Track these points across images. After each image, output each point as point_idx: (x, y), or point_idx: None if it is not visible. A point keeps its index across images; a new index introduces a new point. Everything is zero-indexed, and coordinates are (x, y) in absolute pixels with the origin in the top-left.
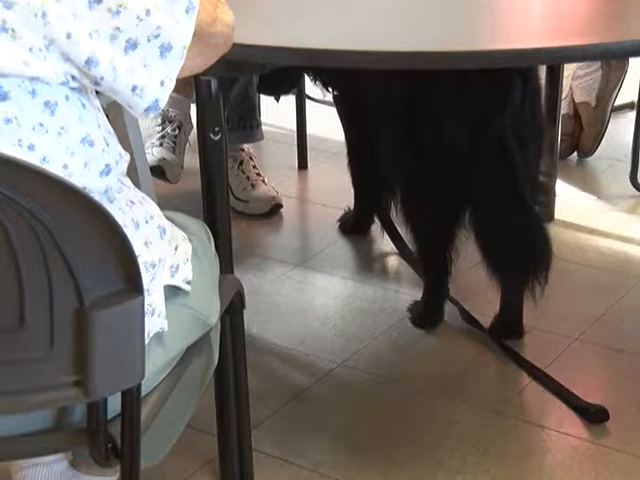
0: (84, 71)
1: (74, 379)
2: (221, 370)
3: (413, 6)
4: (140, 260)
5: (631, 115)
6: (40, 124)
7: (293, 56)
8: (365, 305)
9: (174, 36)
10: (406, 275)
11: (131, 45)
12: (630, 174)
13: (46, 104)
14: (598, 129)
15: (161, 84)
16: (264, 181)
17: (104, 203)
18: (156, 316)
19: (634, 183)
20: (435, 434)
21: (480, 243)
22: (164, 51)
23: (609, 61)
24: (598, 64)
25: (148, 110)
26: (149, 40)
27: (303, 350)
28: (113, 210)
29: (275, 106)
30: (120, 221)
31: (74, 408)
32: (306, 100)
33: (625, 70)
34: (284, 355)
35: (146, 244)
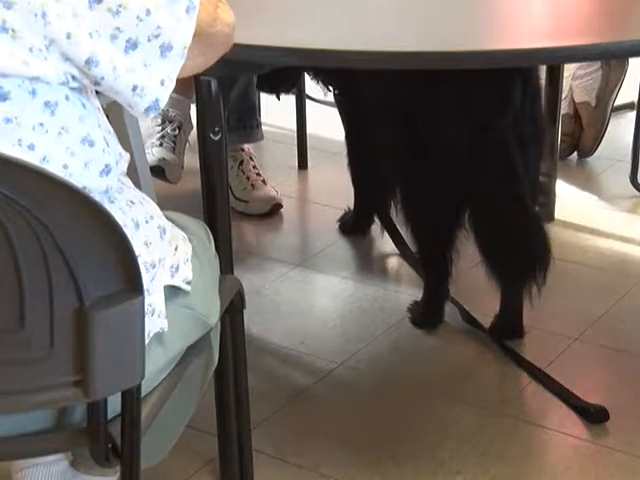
0: (84, 71)
1: (74, 379)
2: (221, 370)
3: (413, 6)
4: (140, 260)
5: (631, 115)
6: (40, 124)
7: (293, 56)
8: (365, 305)
9: (174, 36)
10: (406, 275)
11: (131, 45)
12: (630, 174)
13: (46, 104)
14: (598, 129)
15: (161, 84)
16: (264, 181)
17: (104, 203)
18: (156, 316)
19: (634, 183)
20: (435, 434)
21: (480, 243)
22: (164, 51)
23: (609, 61)
24: (598, 64)
25: (148, 110)
26: (149, 40)
27: (303, 350)
28: (113, 210)
29: (275, 106)
30: (120, 221)
31: (74, 408)
32: (306, 100)
33: (625, 70)
34: (284, 355)
35: (146, 244)
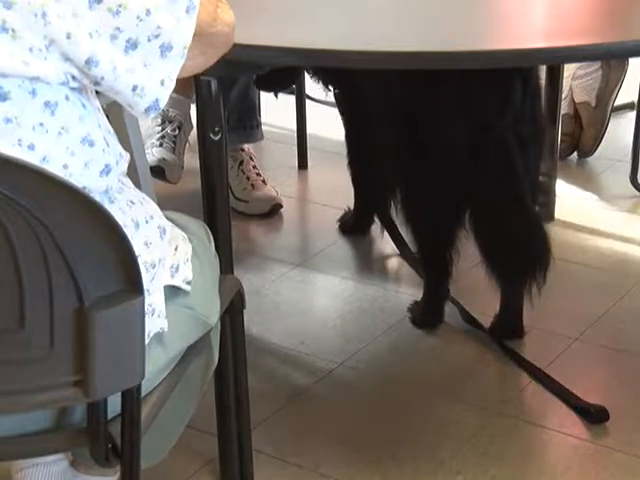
0: (84, 71)
1: (74, 379)
2: (221, 370)
3: (413, 6)
4: (140, 260)
5: (631, 115)
6: (40, 124)
7: (293, 56)
8: (365, 305)
9: (174, 36)
10: (406, 275)
11: (131, 45)
12: (630, 174)
13: (46, 104)
14: (598, 129)
15: (161, 84)
16: (264, 181)
17: (104, 203)
18: (156, 316)
19: (634, 183)
20: (435, 434)
21: (480, 243)
22: (164, 51)
23: (609, 61)
24: (598, 64)
25: (148, 110)
26: (149, 40)
27: (303, 350)
28: (113, 210)
29: (275, 106)
30: (120, 221)
31: (74, 408)
32: (306, 100)
33: (625, 70)
34: (284, 355)
35: (146, 244)
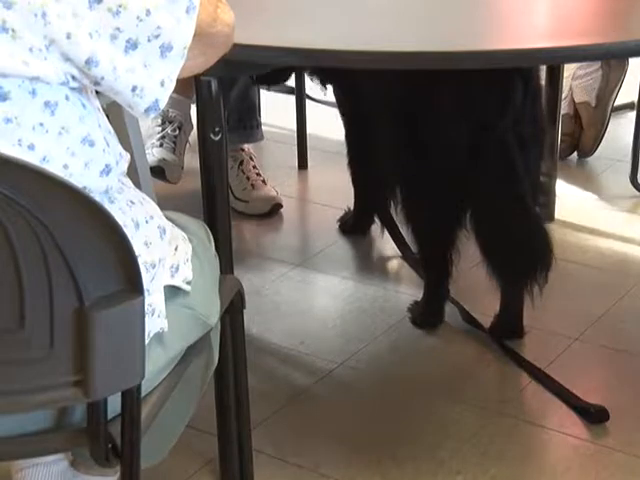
0: (84, 71)
1: (74, 379)
2: (221, 370)
3: (413, 6)
4: (140, 260)
5: (631, 115)
6: (40, 124)
7: (293, 56)
8: (365, 305)
9: (174, 36)
10: (406, 275)
11: (131, 45)
12: (630, 174)
13: (46, 104)
14: (598, 129)
15: (161, 84)
16: (264, 181)
17: (105, 203)
18: (156, 316)
19: (634, 183)
20: (435, 434)
21: (481, 243)
22: (164, 51)
23: (609, 61)
24: (598, 64)
25: (148, 110)
26: (149, 40)
27: (303, 350)
28: (113, 210)
29: (275, 106)
30: (120, 221)
31: (74, 408)
32: (306, 100)
33: (625, 70)
34: (284, 355)
35: (146, 244)
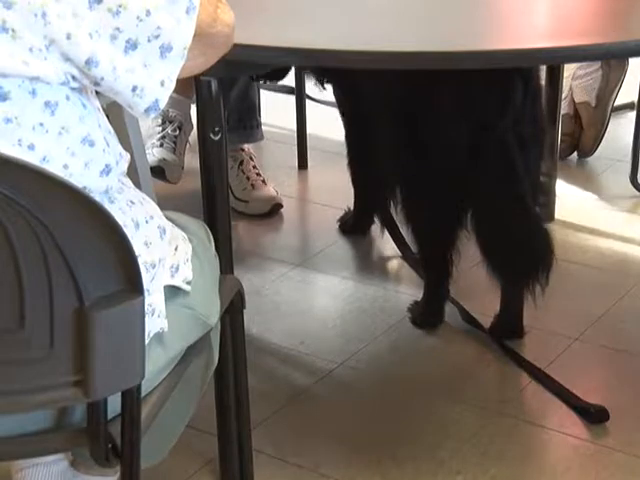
0: (84, 71)
1: (74, 379)
2: (221, 370)
3: (413, 6)
4: (140, 260)
5: (631, 115)
6: (40, 124)
7: (293, 56)
8: (365, 305)
9: (174, 36)
10: (406, 275)
11: (131, 45)
12: (630, 174)
13: (46, 104)
14: (598, 129)
15: (161, 84)
16: (264, 181)
17: (105, 203)
18: (156, 316)
19: (634, 183)
20: (435, 434)
21: (481, 244)
22: (164, 51)
23: (609, 61)
24: (598, 64)
25: (148, 110)
26: (149, 40)
27: (303, 350)
28: (113, 210)
29: (275, 106)
30: (120, 221)
31: (74, 408)
32: (306, 100)
33: (625, 70)
34: (284, 355)
35: (146, 244)
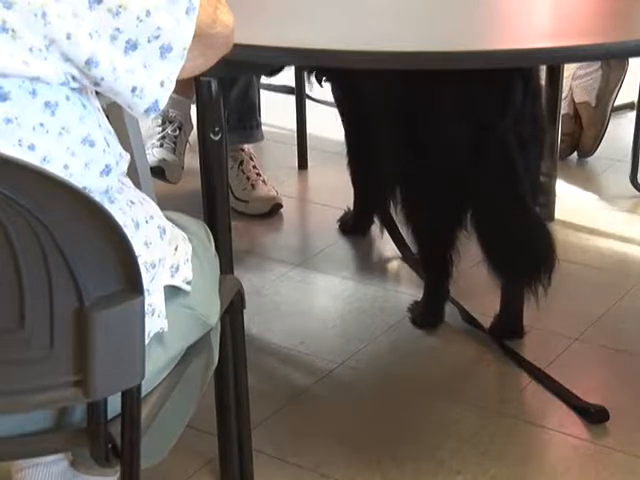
0: (84, 71)
1: (74, 379)
2: (221, 370)
3: (413, 6)
4: (140, 260)
5: (631, 115)
6: (40, 124)
7: (293, 56)
8: (365, 305)
9: (174, 37)
10: (406, 275)
11: (131, 46)
12: (630, 174)
13: (46, 104)
14: (598, 129)
15: (161, 85)
16: (264, 181)
17: (105, 203)
18: (156, 316)
19: (634, 183)
20: (435, 434)
21: (481, 244)
22: (164, 52)
23: (609, 61)
24: (598, 64)
25: (148, 111)
26: (149, 41)
27: (303, 350)
28: (113, 210)
29: (275, 106)
30: (120, 221)
31: (74, 408)
32: (306, 100)
33: (625, 70)
34: (284, 355)
35: (146, 244)
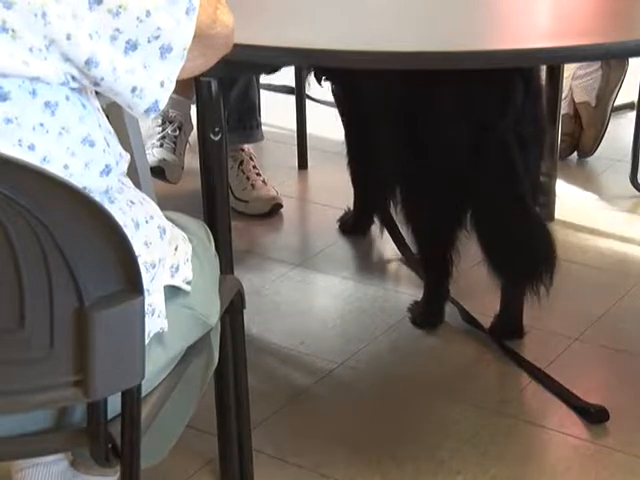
0: (84, 72)
1: (74, 379)
2: (221, 370)
3: (413, 6)
4: (140, 260)
5: (631, 115)
6: (40, 124)
7: (293, 56)
8: (365, 305)
9: (174, 37)
10: (406, 275)
11: (131, 46)
12: (630, 174)
13: (46, 104)
14: (598, 129)
15: (161, 85)
16: (264, 181)
17: (105, 203)
18: (156, 316)
19: (634, 183)
20: (435, 434)
21: (481, 244)
22: (164, 52)
23: (609, 61)
24: (598, 64)
25: (148, 111)
26: (149, 41)
27: (303, 350)
28: (113, 210)
29: (275, 106)
30: (120, 221)
31: (74, 408)
32: (306, 100)
33: (625, 70)
34: (284, 355)
35: (146, 244)
